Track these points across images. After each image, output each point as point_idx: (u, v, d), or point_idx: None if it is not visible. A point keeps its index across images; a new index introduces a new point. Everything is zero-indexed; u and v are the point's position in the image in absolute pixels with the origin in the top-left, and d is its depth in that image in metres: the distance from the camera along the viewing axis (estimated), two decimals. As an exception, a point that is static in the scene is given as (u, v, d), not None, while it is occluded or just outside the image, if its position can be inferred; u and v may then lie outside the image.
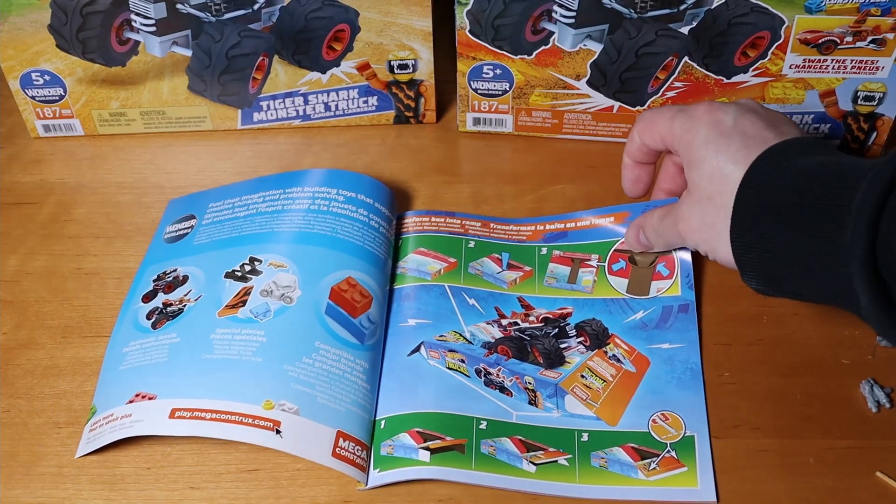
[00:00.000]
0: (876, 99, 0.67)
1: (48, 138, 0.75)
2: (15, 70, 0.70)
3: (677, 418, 0.54)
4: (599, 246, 0.63)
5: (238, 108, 0.74)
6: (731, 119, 0.52)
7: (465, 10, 0.66)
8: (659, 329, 0.58)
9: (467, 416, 0.53)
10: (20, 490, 0.52)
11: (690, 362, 0.56)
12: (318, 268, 0.58)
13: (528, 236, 0.65)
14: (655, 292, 0.60)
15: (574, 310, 0.60)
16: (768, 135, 0.51)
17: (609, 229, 0.64)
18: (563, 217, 0.66)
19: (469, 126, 0.74)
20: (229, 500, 0.51)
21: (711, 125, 0.52)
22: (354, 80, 0.72)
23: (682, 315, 0.59)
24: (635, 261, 0.61)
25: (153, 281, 0.61)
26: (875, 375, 0.56)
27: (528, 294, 0.61)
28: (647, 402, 0.55)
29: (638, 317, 0.59)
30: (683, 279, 0.60)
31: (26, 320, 0.61)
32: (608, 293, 0.61)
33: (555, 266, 0.63)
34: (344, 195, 0.63)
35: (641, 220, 0.60)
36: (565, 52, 0.67)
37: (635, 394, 0.55)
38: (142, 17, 0.67)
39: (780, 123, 0.52)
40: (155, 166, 0.73)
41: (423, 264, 0.62)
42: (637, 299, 0.60)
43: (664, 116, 0.56)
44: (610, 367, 0.57)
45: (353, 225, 0.61)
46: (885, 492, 0.51)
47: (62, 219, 0.68)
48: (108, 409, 0.53)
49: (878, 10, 0.62)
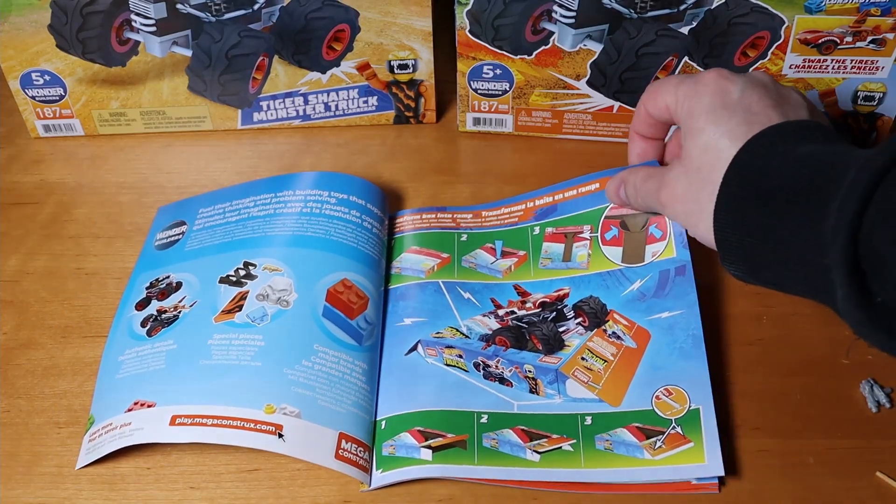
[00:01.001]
0: (876, 99, 0.67)
1: (48, 138, 0.75)
2: (15, 70, 0.70)
3: (681, 392, 0.53)
4: (590, 215, 0.63)
5: (238, 108, 0.74)
6: (738, 90, 0.50)
7: (465, 10, 0.66)
8: (657, 297, 0.58)
9: (468, 411, 0.53)
10: (20, 490, 0.52)
11: (691, 329, 0.56)
12: (313, 270, 0.58)
13: (520, 216, 0.65)
14: (651, 257, 0.59)
15: (571, 290, 0.60)
16: (773, 114, 0.49)
17: (597, 196, 0.63)
18: (551, 189, 0.65)
19: (469, 126, 0.74)
20: (229, 500, 0.51)
21: (716, 94, 0.51)
22: (354, 80, 0.72)
23: (680, 278, 0.58)
24: (626, 225, 0.61)
25: (146, 288, 0.61)
26: (875, 375, 0.56)
27: (524, 280, 0.61)
28: (649, 379, 0.54)
29: (636, 287, 0.59)
30: (677, 238, 0.59)
31: (26, 320, 0.61)
32: (604, 266, 0.60)
33: (549, 245, 0.63)
34: (336, 197, 0.63)
35: (625, 175, 0.59)
36: (565, 52, 0.67)
37: (637, 371, 0.55)
38: (142, 17, 0.67)
39: (788, 102, 0.50)
40: (155, 166, 0.73)
41: (416, 262, 0.62)
42: (633, 268, 0.59)
43: (670, 83, 0.54)
44: (610, 346, 0.56)
45: (347, 227, 0.61)
46: (885, 492, 0.51)
47: (62, 219, 0.68)
48: (107, 418, 0.53)
49: (878, 10, 0.62)
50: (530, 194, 0.66)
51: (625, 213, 0.61)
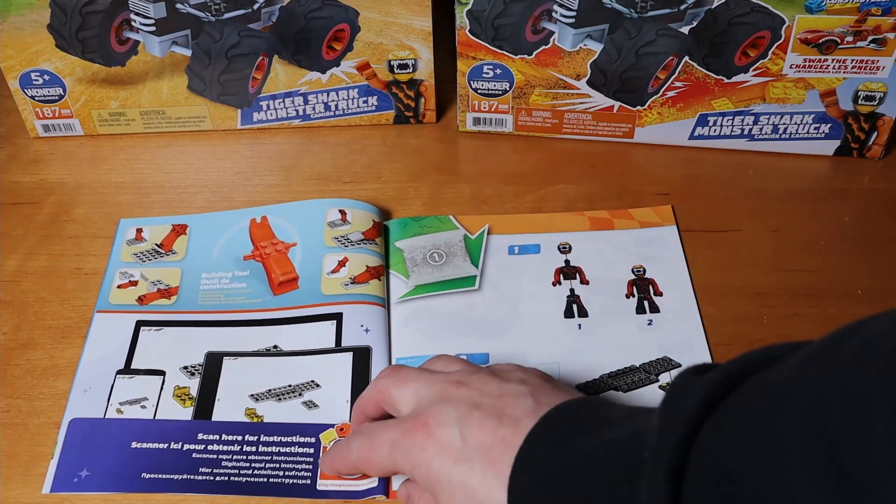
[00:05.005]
0: (876, 99, 0.67)
1: (48, 138, 0.75)
2: (14, 70, 0.70)
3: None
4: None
5: (238, 108, 0.73)
6: (456, 435, 0.43)
7: (465, 10, 0.66)
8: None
9: None
10: (20, 490, 0.52)
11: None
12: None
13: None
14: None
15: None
16: (506, 433, 0.42)
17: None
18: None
19: (469, 126, 0.74)
20: (229, 500, 0.51)
21: (438, 453, 0.43)
22: (354, 79, 0.72)
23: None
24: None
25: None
26: (875, 375, 0.56)
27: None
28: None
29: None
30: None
31: (26, 320, 0.61)
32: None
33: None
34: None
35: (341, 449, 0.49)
36: (565, 51, 0.67)
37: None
38: (141, 16, 0.67)
39: (512, 407, 0.43)
40: (155, 166, 0.72)
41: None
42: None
43: (380, 453, 0.45)
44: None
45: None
46: (885, 492, 0.51)
47: (62, 219, 0.68)
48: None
49: (878, 10, 0.62)
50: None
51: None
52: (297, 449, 0.52)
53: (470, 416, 0.43)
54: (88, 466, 0.52)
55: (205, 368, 0.57)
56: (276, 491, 0.51)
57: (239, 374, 0.57)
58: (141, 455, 0.52)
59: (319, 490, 0.51)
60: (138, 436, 0.53)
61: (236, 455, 0.52)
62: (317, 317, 0.59)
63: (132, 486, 0.51)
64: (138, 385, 0.56)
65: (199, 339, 0.59)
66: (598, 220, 0.66)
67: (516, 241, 0.65)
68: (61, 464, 0.52)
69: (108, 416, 0.54)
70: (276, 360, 0.57)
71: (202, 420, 0.54)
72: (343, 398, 0.55)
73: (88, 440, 0.53)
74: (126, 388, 0.56)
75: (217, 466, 0.52)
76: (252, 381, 0.56)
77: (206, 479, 0.51)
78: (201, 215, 0.67)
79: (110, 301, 0.61)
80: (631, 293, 0.61)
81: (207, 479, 0.51)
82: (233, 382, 0.56)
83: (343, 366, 0.56)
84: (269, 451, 0.52)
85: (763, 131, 0.70)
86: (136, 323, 0.60)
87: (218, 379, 0.56)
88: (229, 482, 0.51)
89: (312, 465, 0.51)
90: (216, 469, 0.52)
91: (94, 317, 0.60)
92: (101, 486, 0.51)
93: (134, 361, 0.57)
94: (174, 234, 0.65)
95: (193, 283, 0.62)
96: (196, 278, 0.62)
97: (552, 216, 0.67)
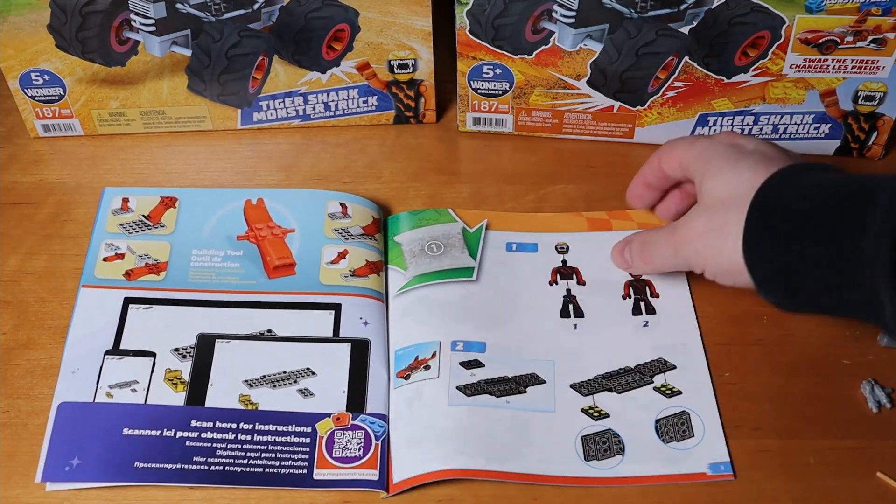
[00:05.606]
0: (876, 99, 0.67)
1: (48, 138, 0.75)
2: (14, 70, 0.70)
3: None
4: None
5: (238, 108, 0.73)
6: (750, 144, 0.55)
7: (465, 10, 0.66)
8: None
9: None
10: (20, 490, 0.52)
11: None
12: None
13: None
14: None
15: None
16: (784, 157, 0.53)
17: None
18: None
19: (469, 126, 0.74)
20: (229, 500, 0.51)
21: (731, 146, 0.55)
22: (354, 79, 0.72)
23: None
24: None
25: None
26: (875, 375, 0.56)
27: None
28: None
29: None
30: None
31: (26, 320, 0.61)
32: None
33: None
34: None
35: (632, 236, 0.61)
36: (565, 51, 0.67)
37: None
38: (141, 16, 0.67)
39: (794, 155, 0.55)
40: (155, 166, 0.72)
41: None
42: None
43: (685, 141, 0.58)
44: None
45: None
46: (885, 492, 0.51)
47: (62, 219, 0.68)
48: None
49: (878, 10, 0.62)
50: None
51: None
52: (293, 438, 0.52)
53: (762, 142, 0.56)
54: (80, 454, 0.51)
55: (197, 351, 0.56)
56: (272, 481, 0.51)
57: (232, 358, 0.56)
58: (133, 443, 0.52)
59: (316, 480, 0.51)
60: (130, 422, 0.52)
61: (231, 444, 0.52)
62: (314, 305, 0.59)
63: (125, 475, 0.50)
64: (128, 367, 0.55)
65: (190, 319, 0.58)
66: (596, 220, 0.66)
67: (514, 238, 0.65)
68: (51, 451, 0.51)
69: (98, 401, 0.54)
70: (270, 345, 0.57)
71: (195, 406, 0.53)
72: (340, 388, 0.55)
73: (78, 426, 0.52)
74: (115, 370, 0.55)
75: (212, 455, 0.51)
76: (246, 366, 0.56)
77: (201, 469, 0.51)
78: (192, 189, 0.67)
79: (96, 275, 0.60)
80: (627, 294, 0.61)
81: (202, 469, 0.51)
82: (226, 367, 0.55)
83: (341, 356, 0.56)
84: (264, 440, 0.52)
85: (763, 131, 0.70)
86: (124, 300, 0.59)
87: (210, 363, 0.55)
88: (224, 472, 0.51)
89: (309, 455, 0.51)
90: (210, 458, 0.51)
91: (80, 291, 0.59)
92: (94, 476, 0.50)
93: (123, 341, 0.56)
94: (162, 207, 0.64)
95: (183, 259, 0.61)
96: (186, 254, 0.62)
97: (550, 216, 0.67)
